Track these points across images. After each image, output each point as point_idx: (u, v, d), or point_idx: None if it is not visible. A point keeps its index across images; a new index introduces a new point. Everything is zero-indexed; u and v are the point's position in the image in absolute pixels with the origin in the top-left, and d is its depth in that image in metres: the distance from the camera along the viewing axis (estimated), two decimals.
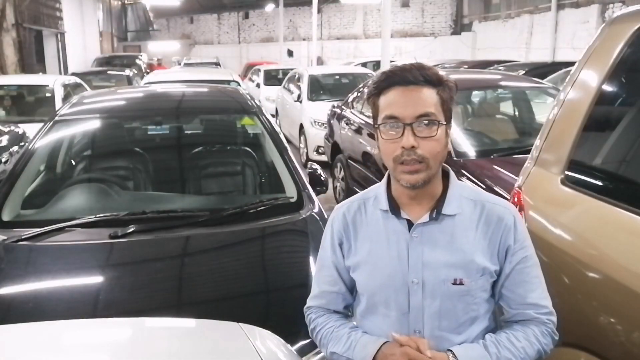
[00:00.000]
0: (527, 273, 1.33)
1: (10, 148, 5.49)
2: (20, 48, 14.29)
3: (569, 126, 1.99)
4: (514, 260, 1.32)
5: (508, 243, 1.32)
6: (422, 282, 1.30)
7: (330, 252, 1.43)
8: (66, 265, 2.30)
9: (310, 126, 8.10)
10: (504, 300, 1.36)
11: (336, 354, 1.37)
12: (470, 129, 4.58)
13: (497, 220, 1.32)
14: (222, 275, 2.32)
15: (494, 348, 1.28)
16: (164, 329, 1.55)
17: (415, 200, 1.32)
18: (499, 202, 1.36)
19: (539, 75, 7.09)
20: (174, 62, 23.60)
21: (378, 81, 1.30)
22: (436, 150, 1.25)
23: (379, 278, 1.34)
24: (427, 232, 1.31)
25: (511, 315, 1.36)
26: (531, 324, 1.34)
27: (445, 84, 1.28)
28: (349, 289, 1.44)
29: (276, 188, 3.00)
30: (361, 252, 1.37)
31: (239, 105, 3.54)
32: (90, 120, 3.27)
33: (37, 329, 1.49)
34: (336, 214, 1.44)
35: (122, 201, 2.85)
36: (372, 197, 1.40)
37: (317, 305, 1.47)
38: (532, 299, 1.34)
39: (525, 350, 1.29)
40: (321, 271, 1.46)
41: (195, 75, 8.21)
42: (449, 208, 1.32)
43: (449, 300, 1.30)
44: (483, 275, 1.31)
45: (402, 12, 23.99)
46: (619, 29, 1.94)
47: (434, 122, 1.25)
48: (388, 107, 1.27)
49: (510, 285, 1.34)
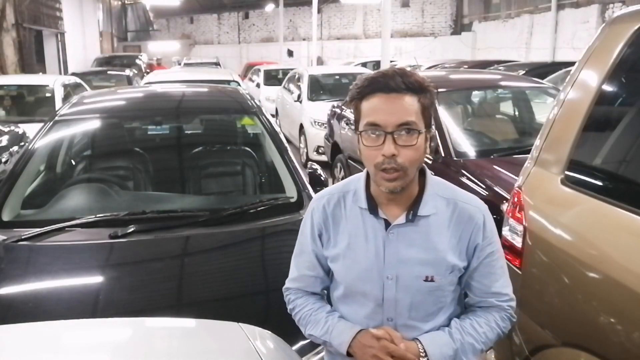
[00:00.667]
0: (493, 265, 1.43)
1: (10, 148, 5.49)
2: (20, 48, 14.29)
3: (569, 126, 1.99)
4: (482, 255, 1.42)
5: (477, 241, 1.40)
6: (396, 278, 1.39)
7: (310, 241, 1.50)
8: (66, 265, 2.30)
9: (310, 126, 8.10)
10: (469, 289, 1.46)
11: (313, 336, 1.47)
12: (470, 129, 4.58)
13: (468, 219, 1.40)
14: (222, 275, 2.32)
15: (459, 334, 1.40)
16: (164, 329, 1.55)
17: (393, 201, 1.39)
18: (471, 201, 1.43)
19: (539, 75, 7.08)
20: (174, 62, 23.59)
21: (361, 86, 1.34)
22: (415, 158, 1.31)
23: (357, 271, 1.42)
24: (402, 232, 1.39)
25: (475, 301, 1.46)
26: (493, 310, 1.44)
27: (426, 90, 1.32)
28: (326, 273, 1.52)
29: (276, 188, 3.00)
30: (340, 245, 1.44)
31: (239, 105, 3.54)
32: (90, 120, 3.27)
33: (37, 329, 1.49)
34: (316, 204, 1.50)
35: (122, 201, 2.85)
36: (351, 191, 1.46)
37: (296, 288, 1.55)
38: (496, 288, 1.44)
39: (486, 335, 1.41)
40: (301, 256, 1.53)
41: (195, 75, 8.21)
42: (425, 209, 1.39)
43: (420, 294, 1.40)
44: (452, 272, 1.40)
45: (402, 12, 23.98)
46: (619, 29, 1.93)
47: (415, 131, 1.29)
48: (370, 113, 1.31)
49: (477, 277, 1.44)
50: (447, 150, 4.10)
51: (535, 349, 1.97)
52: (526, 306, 2.03)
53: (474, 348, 1.40)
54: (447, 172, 4.00)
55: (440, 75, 6.39)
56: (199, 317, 1.62)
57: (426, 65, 11.91)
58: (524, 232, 2.04)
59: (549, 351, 1.88)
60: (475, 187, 3.68)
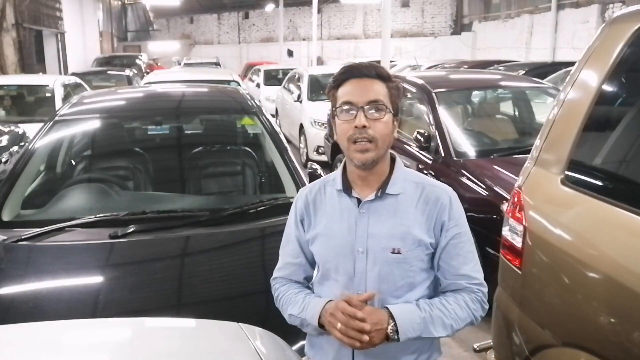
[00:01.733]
0: (461, 248, 1.51)
1: (10, 148, 5.49)
2: (20, 48, 14.29)
3: (569, 126, 1.99)
4: (449, 235, 1.50)
5: (443, 219, 1.50)
6: (366, 251, 1.50)
7: (294, 228, 1.62)
8: (66, 265, 2.30)
9: (310, 126, 8.09)
10: (440, 272, 1.53)
11: (293, 315, 1.55)
12: (470, 129, 4.58)
13: (435, 200, 1.51)
14: (222, 275, 2.32)
15: (427, 307, 1.46)
16: (164, 329, 1.55)
17: (365, 181, 1.52)
18: (439, 185, 1.56)
19: (539, 75, 7.09)
20: (174, 62, 23.59)
21: (337, 75, 1.50)
22: (384, 132, 1.45)
23: (332, 247, 1.53)
24: (372, 208, 1.51)
25: (445, 285, 1.53)
26: (463, 292, 1.51)
27: (394, 81, 1.50)
28: (309, 262, 1.62)
29: (276, 188, 3.01)
30: (319, 226, 1.57)
31: (239, 105, 3.54)
32: (90, 120, 3.27)
33: (37, 329, 1.49)
34: (300, 194, 1.65)
35: (122, 201, 2.85)
36: (331, 179, 1.60)
37: (281, 276, 1.64)
38: (465, 271, 1.51)
39: (455, 312, 1.47)
40: (286, 246, 1.65)
41: (195, 75, 8.21)
42: (393, 188, 1.51)
43: (387, 266, 1.49)
44: (419, 247, 1.49)
45: (402, 12, 23.98)
46: (619, 29, 1.93)
47: (383, 107, 1.45)
48: (345, 95, 1.47)
49: (445, 258, 1.51)
50: (447, 150, 4.11)
51: (535, 349, 1.97)
52: (526, 306, 2.04)
53: (443, 322, 1.45)
54: (447, 172, 4.00)
55: (440, 75, 6.39)
56: (199, 317, 1.62)
57: (426, 65, 11.91)
58: (524, 232, 2.04)
59: (549, 351, 1.88)
60: (475, 187, 3.68)
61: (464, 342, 3.18)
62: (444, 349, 1.67)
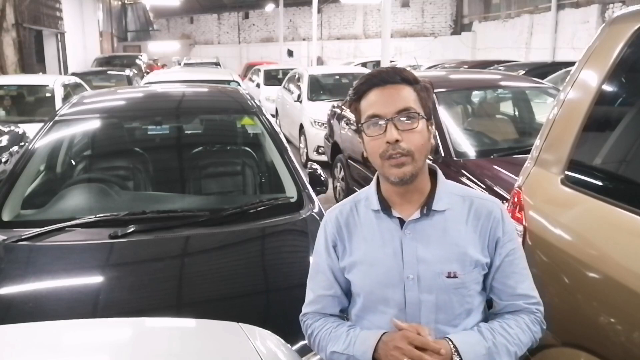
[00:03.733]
0: (516, 265, 1.38)
1: (10, 148, 5.49)
2: (20, 48, 14.29)
3: (569, 126, 1.99)
4: (503, 252, 1.36)
5: (497, 235, 1.36)
6: (417, 277, 1.33)
7: (325, 256, 1.44)
8: (66, 265, 2.30)
9: (310, 126, 8.09)
10: (494, 293, 1.40)
11: (337, 352, 1.36)
12: (470, 129, 4.58)
13: (486, 214, 1.36)
14: (222, 275, 2.32)
15: (489, 334, 1.32)
16: (164, 329, 1.55)
17: (405, 198, 1.36)
18: (487, 197, 1.42)
19: (539, 75, 7.08)
20: (174, 62, 23.58)
21: (357, 86, 1.35)
22: (420, 143, 1.29)
23: (376, 276, 1.36)
24: (419, 229, 1.35)
25: (502, 307, 1.39)
26: (522, 314, 1.37)
27: (421, 83, 1.34)
28: (344, 292, 1.45)
29: (276, 188, 3.00)
30: (356, 252, 1.39)
31: (239, 105, 3.54)
32: (90, 120, 3.27)
33: (37, 329, 1.49)
34: (329, 217, 1.47)
35: (122, 201, 2.85)
36: (363, 198, 1.43)
37: (314, 311, 1.47)
38: (522, 290, 1.38)
39: (518, 337, 1.33)
40: (316, 276, 1.47)
41: (195, 75, 8.20)
42: (439, 204, 1.35)
43: (444, 293, 1.33)
44: (476, 268, 1.34)
45: (402, 12, 23.98)
46: (619, 29, 1.93)
47: (414, 115, 1.29)
48: (369, 107, 1.32)
49: (500, 278, 1.37)
50: (447, 150, 4.10)
51: (535, 349, 1.96)
52: None
53: (508, 349, 1.31)
54: (447, 172, 4.00)
55: (440, 75, 6.39)
56: (199, 317, 1.62)
57: (426, 65, 11.91)
58: (524, 232, 2.04)
59: (549, 351, 1.88)
60: (475, 187, 3.68)
61: None
62: None
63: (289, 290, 2.17)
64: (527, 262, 1.43)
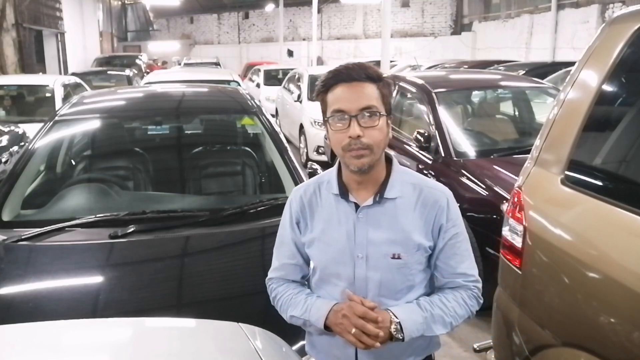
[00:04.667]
0: (458, 247, 1.52)
1: (10, 148, 5.50)
2: (20, 48, 14.29)
3: (569, 126, 1.99)
4: (447, 236, 1.51)
5: (441, 222, 1.50)
6: (366, 257, 1.49)
7: (289, 230, 1.60)
8: (66, 265, 2.30)
9: (310, 126, 8.09)
10: (437, 271, 1.55)
11: (295, 317, 1.54)
12: (470, 129, 4.58)
13: (432, 203, 1.50)
14: (222, 275, 2.32)
15: (428, 306, 1.48)
16: (164, 329, 1.55)
17: (361, 185, 1.50)
18: (436, 186, 1.55)
19: (539, 75, 7.08)
20: (174, 62, 23.58)
21: (325, 79, 1.47)
22: (379, 139, 1.42)
23: (330, 253, 1.52)
24: (371, 214, 1.50)
25: (443, 283, 1.55)
26: (460, 290, 1.53)
27: (384, 80, 1.46)
28: (305, 262, 1.62)
29: (276, 188, 3.01)
30: (316, 230, 1.55)
31: (239, 105, 3.54)
32: (90, 120, 3.27)
33: (37, 329, 1.49)
34: (294, 196, 1.62)
35: (122, 201, 2.85)
36: (325, 181, 1.57)
37: (278, 277, 1.63)
38: (462, 269, 1.53)
39: (455, 310, 1.50)
40: (281, 247, 1.63)
41: (195, 75, 8.21)
42: (391, 192, 1.49)
43: (388, 272, 1.49)
44: (418, 251, 1.50)
45: (402, 12, 23.98)
46: (619, 29, 1.93)
47: (376, 113, 1.42)
48: (335, 102, 1.44)
49: (443, 258, 1.53)
50: (447, 150, 4.11)
51: (535, 349, 1.97)
52: (526, 306, 2.04)
53: (444, 320, 1.47)
54: (447, 172, 4.00)
55: (440, 75, 6.39)
56: (199, 317, 1.62)
57: (426, 65, 11.91)
58: (524, 232, 2.04)
59: (549, 351, 1.88)
60: (475, 187, 3.68)
61: (464, 342, 3.18)
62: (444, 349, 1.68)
63: None
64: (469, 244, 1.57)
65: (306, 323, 1.53)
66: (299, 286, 1.61)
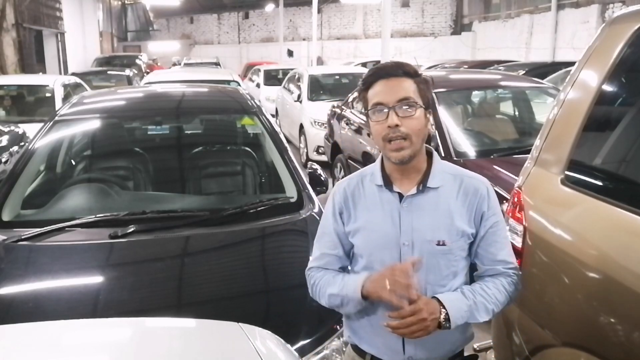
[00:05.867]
0: (498, 235, 1.58)
1: (10, 148, 5.50)
2: (20, 48, 14.29)
3: (569, 126, 1.99)
4: (488, 224, 1.56)
5: (482, 209, 1.56)
6: (411, 244, 1.54)
7: (332, 221, 1.63)
8: (66, 265, 2.30)
9: (310, 126, 8.09)
10: (478, 258, 1.60)
11: (333, 294, 1.57)
12: (470, 129, 4.58)
13: (474, 191, 1.56)
14: (222, 275, 2.32)
15: (471, 294, 1.52)
16: (164, 329, 1.55)
17: (404, 175, 1.56)
18: (475, 176, 1.61)
19: (539, 75, 7.08)
20: (174, 62, 23.57)
21: (365, 78, 1.56)
22: (417, 127, 1.49)
23: (375, 240, 1.57)
24: (415, 202, 1.55)
25: (484, 270, 1.60)
26: (500, 277, 1.58)
27: (421, 76, 1.54)
28: (346, 253, 1.65)
29: (276, 188, 3.01)
30: (360, 219, 1.59)
31: (239, 105, 3.54)
32: (90, 120, 3.27)
33: (37, 329, 1.49)
34: (337, 188, 1.66)
35: (122, 201, 2.85)
36: (368, 174, 1.63)
37: (317, 266, 1.65)
38: (502, 257, 1.58)
39: (495, 297, 1.54)
40: (323, 237, 1.66)
41: (195, 75, 8.21)
42: (433, 181, 1.55)
43: (434, 258, 1.54)
44: (462, 237, 1.55)
45: (402, 12, 23.97)
46: (619, 29, 1.93)
47: (413, 103, 1.49)
48: (375, 96, 1.52)
49: (484, 245, 1.58)
50: (447, 150, 4.10)
51: (535, 349, 1.97)
52: (526, 306, 2.03)
53: (486, 307, 1.51)
54: None
55: (440, 75, 6.39)
56: (199, 317, 1.62)
57: (426, 65, 11.91)
58: (524, 232, 2.04)
59: (549, 351, 1.88)
60: None
61: None
62: None
63: (289, 290, 2.17)
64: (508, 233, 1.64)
65: (344, 300, 1.54)
66: (338, 272, 1.63)
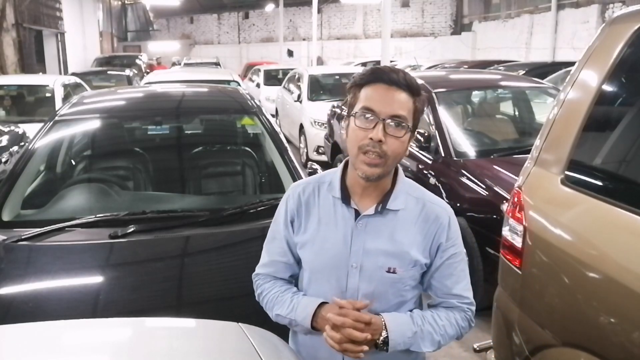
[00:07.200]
0: (455, 267, 1.48)
1: (10, 148, 5.50)
2: (20, 48, 14.29)
3: (569, 126, 1.99)
4: (445, 255, 1.47)
5: (440, 240, 1.46)
6: (360, 267, 1.44)
7: (282, 227, 1.54)
8: (66, 265, 2.30)
9: (310, 126, 8.10)
10: (432, 290, 1.51)
11: (280, 316, 1.49)
12: (470, 129, 4.58)
13: (434, 219, 1.46)
14: (222, 275, 2.32)
15: (420, 320, 1.44)
16: (164, 329, 1.55)
17: (366, 191, 1.45)
18: (438, 202, 1.50)
19: (539, 75, 7.09)
20: (174, 62, 23.57)
21: (365, 74, 1.41)
22: (397, 151, 1.38)
23: (323, 258, 1.47)
24: (371, 223, 1.44)
25: (437, 302, 1.51)
26: (454, 310, 1.49)
27: (421, 95, 1.40)
28: (296, 261, 1.55)
29: (276, 188, 3.00)
30: (310, 231, 1.49)
31: (239, 105, 3.54)
32: (90, 120, 3.27)
33: (37, 329, 1.49)
34: (292, 192, 1.55)
35: (122, 201, 2.85)
36: (327, 182, 1.51)
37: (265, 273, 1.58)
38: (457, 291, 1.49)
39: (445, 329, 1.45)
40: (272, 242, 1.57)
41: (195, 75, 8.21)
42: (394, 203, 1.45)
43: (382, 285, 1.44)
44: (414, 267, 1.45)
45: (402, 12, 23.97)
46: (619, 29, 1.93)
47: (405, 126, 1.37)
48: (368, 99, 1.37)
49: (439, 277, 1.49)
50: (447, 150, 4.10)
51: (535, 349, 1.97)
52: (526, 306, 2.04)
53: (432, 338, 1.43)
54: (447, 172, 4.00)
55: (440, 75, 6.39)
56: (199, 317, 1.62)
57: (426, 65, 11.91)
58: (524, 232, 2.04)
59: (549, 351, 1.88)
60: (475, 187, 3.68)
61: (464, 342, 3.18)
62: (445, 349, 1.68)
63: None
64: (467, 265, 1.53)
65: (292, 322, 1.48)
66: (286, 284, 1.56)
